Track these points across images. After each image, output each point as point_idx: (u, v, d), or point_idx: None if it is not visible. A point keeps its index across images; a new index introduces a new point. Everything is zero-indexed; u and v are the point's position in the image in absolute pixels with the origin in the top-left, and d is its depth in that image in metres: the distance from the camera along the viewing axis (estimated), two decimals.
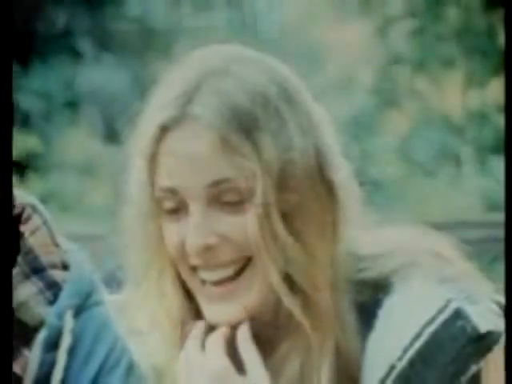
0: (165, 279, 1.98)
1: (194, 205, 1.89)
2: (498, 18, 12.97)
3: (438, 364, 1.87)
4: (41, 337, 1.93)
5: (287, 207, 1.89)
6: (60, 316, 1.95)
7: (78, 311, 1.97)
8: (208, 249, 1.87)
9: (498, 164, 12.52)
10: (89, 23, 11.97)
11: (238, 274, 1.91)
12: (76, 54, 12.24)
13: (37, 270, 1.99)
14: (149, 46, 11.59)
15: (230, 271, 1.90)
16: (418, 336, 1.88)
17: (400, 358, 1.88)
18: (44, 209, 2.06)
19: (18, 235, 2.03)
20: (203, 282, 1.93)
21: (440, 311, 1.88)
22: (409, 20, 13.13)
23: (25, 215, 2.04)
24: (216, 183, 1.87)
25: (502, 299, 1.98)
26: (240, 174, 1.88)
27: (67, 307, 1.97)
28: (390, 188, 11.73)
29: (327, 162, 1.93)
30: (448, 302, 1.88)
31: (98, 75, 12.17)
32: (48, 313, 1.95)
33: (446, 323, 1.87)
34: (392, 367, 1.88)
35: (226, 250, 1.89)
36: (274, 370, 1.96)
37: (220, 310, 1.92)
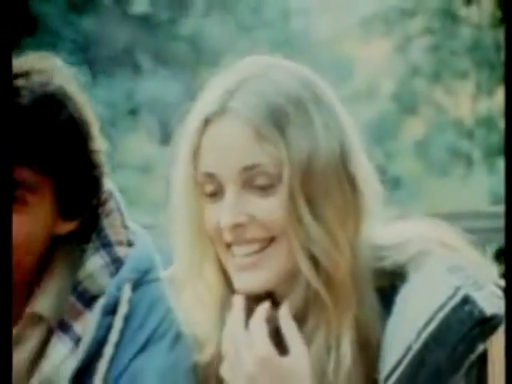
0: (206, 259, 1.98)
1: (229, 187, 1.88)
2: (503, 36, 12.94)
3: (448, 344, 1.86)
4: (100, 303, 1.95)
5: (312, 194, 1.88)
6: (119, 287, 1.97)
7: (137, 285, 1.98)
8: (238, 226, 1.88)
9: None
10: (147, 42, 12.04)
11: (263, 249, 1.90)
12: (136, 68, 12.29)
13: (105, 245, 2.02)
14: (199, 61, 11.63)
15: (255, 247, 1.90)
16: (430, 320, 1.87)
17: (415, 340, 1.88)
18: (119, 196, 2.11)
19: (97, 215, 2.06)
20: (234, 255, 1.93)
21: (450, 298, 1.87)
22: (426, 37, 13.08)
23: (103, 199, 2.07)
24: (248, 168, 1.87)
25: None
26: (270, 161, 1.87)
27: (126, 280, 1.98)
28: (408, 184, 11.65)
29: (350, 158, 1.93)
30: (457, 289, 1.87)
31: (155, 87, 12.20)
32: (109, 283, 1.98)
33: (456, 308, 1.86)
34: (408, 348, 1.88)
35: (254, 228, 1.88)
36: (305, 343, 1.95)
37: (245, 279, 1.92)
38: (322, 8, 13.57)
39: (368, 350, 1.96)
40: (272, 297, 1.99)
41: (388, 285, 1.96)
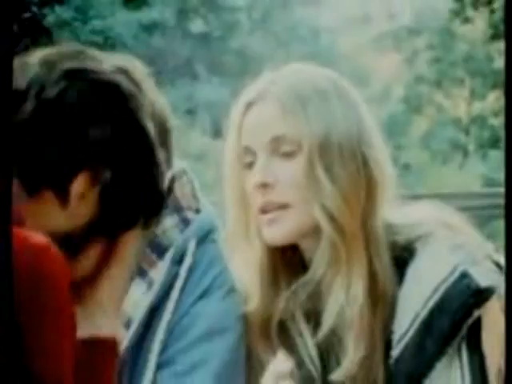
0: (251, 230, 1.92)
1: (261, 154, 1.85)
2: (495, 49, 12.80)
3: (450, 312, 1.83)
4: (170, 254, 1.91)
5: (328, 162, 1.83)
6: (185, 242, 1.93)
7: (200, 242, 1.95)
8: (266, 186, 1.83)
9: (495, 155, 12.35)
10: (203, 55, 12.02)
11: (286, 209, 1.84)
12: (194, 77, 12.28)
13: (178, 209, 1.96)
14: (244, 70, 11.60)
15: (280, 208, 1.84)
16: (434, 291, 1.84)
17: (422, 309, 1.84)
18: (192, 174, 2.06)
19: (172, 189, 1.99)
20: (263, 215, 1.86)
21: (451, 273, 1.84)
22: (429, 51, 12.93)
23: (175, 175, 2.00)
24: (275, 138, 1.83)
25: (500, 258, 1.90)
26: (293, 132, 1.83)
27: (192, 237, 1.94)
28: (415, 171, 11.51)
29: (365, 141, 1.86)
30: (456, 266, 1.83)
31: (209, 91, 12.22)
32: (178, 238, 1.93)
33: (455, 282, 1.83)
34: (417, 315, 1.84)
35: (279, 190, 1.83)
36: (324, 292, 1.90)
37: (271, 232, 1.86)
38: (345, 27, 13.51)
39: (385, 304, 1.89)
40: (300, 253, 1.92)
41: (400, 256, 1.89)
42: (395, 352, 1.83)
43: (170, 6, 12.01)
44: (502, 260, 1.89)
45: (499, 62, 12.54)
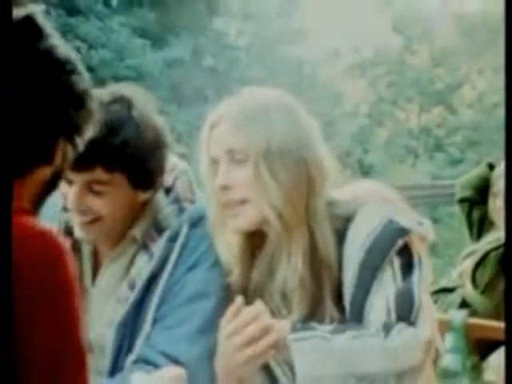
0: (225, 222, 1.87)
1: (221, 163, 1.83)
2: (436, 74, 12.73)
3: (381, 249, 1.81)
4: (167, 234, 1.88)
5: (272, 166, 1.81)
6: (180, 225, 1.90)
7: (191, 226, 1.92)
8: (226, 187, 1.82)
9: (438, 157, 12.07)
10: (212, 83, 12.04)
11: (242, 205, 1.81)
12: (205, 100, 12.00)
13: (176, 200, 1.93)
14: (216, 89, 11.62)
15: (237, 202, 1.81)
16: (367, 237, 1.81)
17: (360, 254, 1.79)
18: (190, 172, 1.99)
19: (174, 185, 1.94)
20: (227, 209, 1.84)
21: (379, 222, 1.82)
22: (387, 77, 12.93)
23: (177, 175, 1.97)
24: (230, 150, 1.81)
25: (426, 221, 1.90)
26: (242, 145, 1.80)
27: (185, 221, 1.91)
28: (378, 170, 11.40)
29: (305, 147, 1.83)
30: (384, 216, 1.83)
31: None
32: (174, 222, 1.90)
33: (385, 226, 1.82)
34: (358, 259, 1.80)
35: (235, 190, 1.81)
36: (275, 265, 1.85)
37: (235, 222, 1.83)
38: (322, 60, 13.32)
39: (329, 267, 1.83)
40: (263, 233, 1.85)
41: (342, 226, 1.84)
42: (346, 297, 1.79)
43: (186, 47, 11.87)
44: (426, 223, 1.88)
45: (440, 85, 12.54)
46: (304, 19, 13.20)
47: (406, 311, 1.73)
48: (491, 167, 2.79)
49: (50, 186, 1.36)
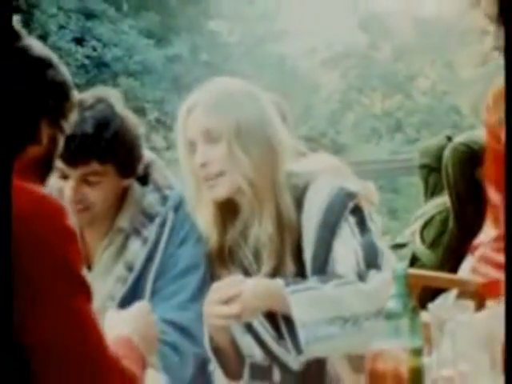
0: (203, 194, 1.85)
1: (199, 143, 1.81)
2: (397, 67, 12.72)
3: (335, 211, 1.78)
4: (157, 220, 1.86)
5: (243, 143, 1.78)
6: (166, 212, 1.86)
7: (176, 210, 1.89)
8: (204, 164, 1.80)
9: (398, 136, 11.92)
10: (208, 75, 11.71)
11: (221, 177, 1.81)
12: None
13: (158, 188, 1.89)
14: None
15: (214, 175, 1.81)
16: (323, 203, 1.80)
17: (317, 214, 1.78)
18: (163, 165, 1.96)
19: (150, 173, 1.92)
20: (206, 182, 1.83)
21: (333, 188, 1.82)
22: (356, 69, 12.52)
23: (151, 163, 1.95)
24: (206, 131, 1.79)
25: (371, 185, 1.90)
26: (216, 126, 1.79)
27: (170, 209, 1.87)
28: (348, 148, 11.25)
29: (269, 127, 1.81)
30: (336, 184, 1.83)
31: None
32: (161, 210, 1.88)
33: (337, 192, 1.81)
34: (317, 221, 1.78)
35: (213, 165, 1.79)
36: (249, 228, 1.85)
37: (212, 192, 1.82)
38: (301, 55, 13.21)
39: (292, 229, 1.80)
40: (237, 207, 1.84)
41: (301, 194, 1.83)
42: (307, 254, 1.79)
43: (185, 45, 11.65)
44: (371, 186, 1.90)
45: (399, 76, 12.48)
46: (285, 20, 12.93)
47: (373, 259, 1.73)
48: (449, 139, 2.82)
49: (45, 167, 1.35)
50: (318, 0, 12.92)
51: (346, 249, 1.75)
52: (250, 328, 1.77)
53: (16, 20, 1.33)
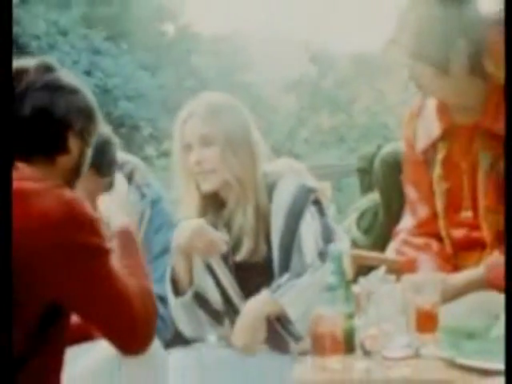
0: (190, 188, 1.80)
1: (194, 146, 1.76)
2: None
3: (301, 201, 1.76)
4: (140, 214, 1.83)
5: (232, 148, 1.75)
6: (145, 208, 1.83)
7: (153, 205, 1.86)
8: (199, 162, 1.76)
9: (343, 147, 11.80)
10: (191, 97, 11.63)
11: (211, 172, 1.77)
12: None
13: (138, 187, 1.88)
14: None
15: (207, 172, 1.77)
16: (288, 197, 1.77)
17: (284, 207, 1.75)
18: (145, 168, 1.93)
19: (133, 175, 1.88)
20: (199, 177, 1.78)
21: (296, 186, 1.80)
22: (308, 94, 12.48)
23: (135, 166, 1.92)
24: (201, 136, 1.75)
25: (327, 184, 1.92)
26: (209, 132, 1.75)
27: (148, 203, 1.84)
28: (301, 157, 11.06)
29: (249, 134, 1.78)
30: (298, 182, 1.80)
31: None
32: (140, 205, 1.84)
33: (300, 188, 1.78)
34: (284, 213, 1.75)
35: (206, 164, 1.76)
36: (234, 218, 1.77)
37: (204, 185, 1.77)
38: (263, 82, 13.38)
39: (265, 217, 1.77)
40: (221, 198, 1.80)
41: (271, 190, 1.79)
42: (275, 240, 1.75)
43: (172, 75, 11.86)
44: (326, 184, 1.90)
45: (342, 99, 12.19)
46: (252, 55, 13.15)
47: (330, 237, 1.73)
48: (379, 148, 2.82)
49: (75, 174, 1.33)
50: (277, 40, 13.02)
51: (309, 231, 1.73)
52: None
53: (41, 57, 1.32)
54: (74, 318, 1.24)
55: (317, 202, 1.77)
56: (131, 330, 1.20)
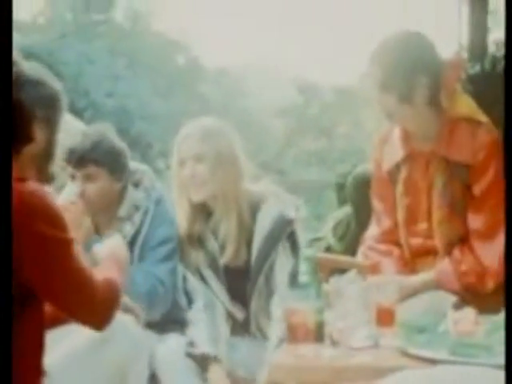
0: (183, 197, 1.78)
1: (188, 162, 1.76)
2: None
3: (278, 233, 1.73)
4: (142, 210, 1.81)
5: (218, 164, 1.74)
6: (148, 205, 1.81)
7: (156, 204, 1.83)
8: (192, 176, 1.75)
9: (324, 166, 11.69)
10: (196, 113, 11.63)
11: (202, 184, 1.75)
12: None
13: (145, 190, 1.85)
14: None
15: (198, 184, 1.75)
16: (270, 223, 1.74)
17: (263, 231, 1.73)
18: (152, 175, 1.89)
19: (142, 180, 1.86)
20: (191, 189, 1.77)
21: (274, 215, 1.75)
22: (294, 120, 12.37)
23: (144, 172, 1.89)
24: (195, 154, 1.74)
25: (302, 205, 1.82)
26: (201, 152, 1.74)
27: (152, 202, 1.82)
28: (285, 174, 10.97)
29: (234, 154, 1.76)
30: (277, 209, 1.76)
31: None
32: (145, 203, 1.82)
33: (279, 218, 1.75)
34: (261, 236, 1.72)
35: (198, 177, 1.75)
36: (219, 227, 1.75)
37: (195, 196, 1.75)
38: (255, 110, 13.32)
39: (248, 231, 1.74)
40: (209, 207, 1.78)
41: (255, 208, 1.76)
42: (254, 249, 1.73)
43: (180, 101, 11.76)
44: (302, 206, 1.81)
45: (324, 125, 12.31)
46: (248, 84, 12.78)
47: (297, 269, 1.66)
48: (354, 167, 2.82)
49: (45, 161, 1.24)
50: (269, 72, 13.08)
51: (281, 263, 1.72)
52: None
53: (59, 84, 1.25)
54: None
55: (292, 235, 1.74)
56: (90, 305, 1.16)
